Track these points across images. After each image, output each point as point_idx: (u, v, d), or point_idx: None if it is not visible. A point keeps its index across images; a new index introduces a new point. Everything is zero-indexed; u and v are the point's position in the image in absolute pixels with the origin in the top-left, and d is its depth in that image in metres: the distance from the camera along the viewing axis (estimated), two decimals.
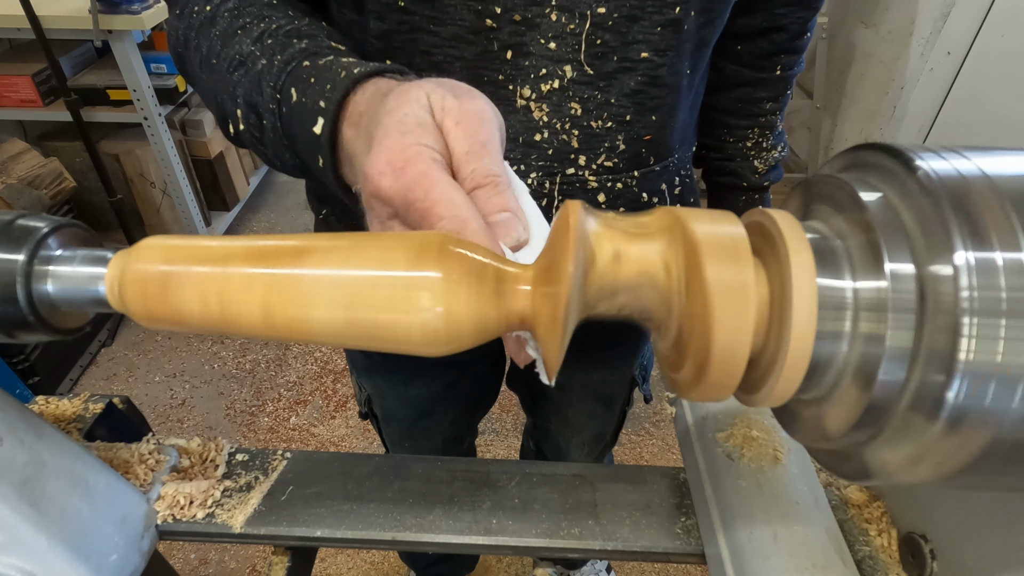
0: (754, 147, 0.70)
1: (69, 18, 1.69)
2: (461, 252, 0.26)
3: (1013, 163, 0.23)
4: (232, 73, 0.42)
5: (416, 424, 0.88)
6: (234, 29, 0.43)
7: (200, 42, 0.45)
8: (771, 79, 0.67)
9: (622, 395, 0.88)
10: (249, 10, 0.44)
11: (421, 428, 0.89)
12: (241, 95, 0.41)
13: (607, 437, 0.95)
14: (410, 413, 0.87)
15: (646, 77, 0.51)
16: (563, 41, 0.48)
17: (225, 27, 0.44)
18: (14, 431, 0.39)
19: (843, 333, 0.24)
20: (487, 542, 0.48)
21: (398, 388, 0.83)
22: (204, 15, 0.46)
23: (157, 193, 2.15)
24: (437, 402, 0.86)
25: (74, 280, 0.29)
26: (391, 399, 0.86)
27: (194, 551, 1.51)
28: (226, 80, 0.42)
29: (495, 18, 0.47)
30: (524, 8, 0.47)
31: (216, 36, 0.44)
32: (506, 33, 0.48)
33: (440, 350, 0.27)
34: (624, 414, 0.91)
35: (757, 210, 0.26)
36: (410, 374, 0.81)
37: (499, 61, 0.49)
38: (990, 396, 0.20)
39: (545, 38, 0.48)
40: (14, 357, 1.64)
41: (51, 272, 0.29)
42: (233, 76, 0.42)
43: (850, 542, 0.43)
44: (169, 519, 0.48)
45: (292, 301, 0.26)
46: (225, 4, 0.45)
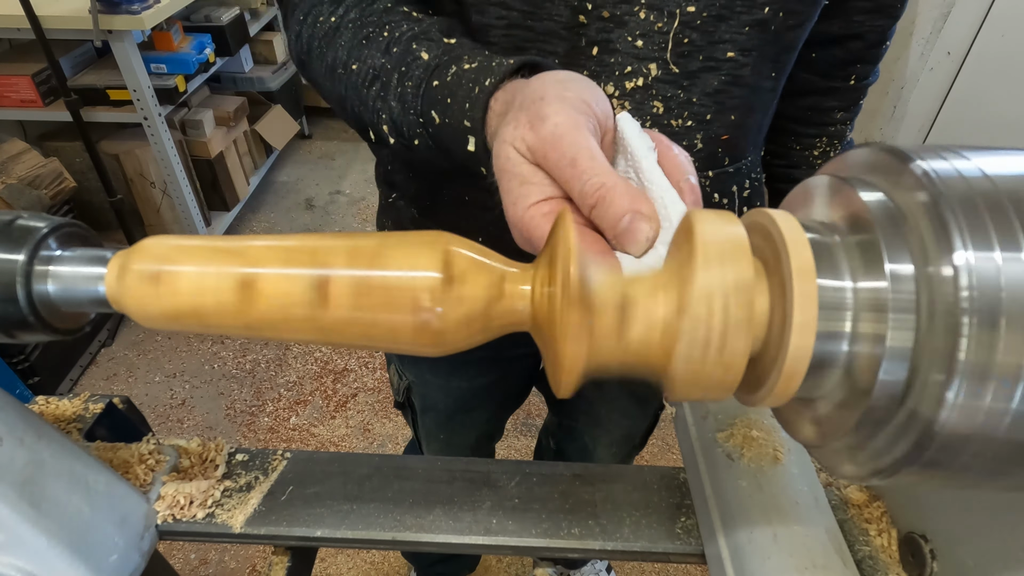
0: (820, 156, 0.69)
1: (69, 18, 1.69)
2: (462, 252, 0.26)
3: (1013, 163, 0.23)
4: (370, 88, 0.44)
5: (454, 417, 0.88)
6: (359, 40, 0.45)
7: (325, 51, 0.47)
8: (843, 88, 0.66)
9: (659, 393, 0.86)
10: (370, 19, 0.46)
11: (458, 421, 0.89)
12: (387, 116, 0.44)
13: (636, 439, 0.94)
14: (450, 404, 0.86)
15: (729, 77, 0.51)
16: (650, 39, 0.49)
17: (350, 38, 0.46)
18: (14, 431, 0.39)
19: (843, 333, 0.24)
20: (487, 542, 0.48)
21: (441, 379, 0.83)
22: (329, 25, 0.47)
23: (157, 193, 2.15)
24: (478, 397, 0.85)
25: (74, 280, 0.29)
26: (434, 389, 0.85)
27: (194, 551, 1.51)
28: (363, 95, 0.45)
29: (586, 14, 0.47)
30: (614, 5, 0.47)
31: (342, 46, 0.46)
32: (594, 30, 0.48)
33: (440, 350, 0.27)
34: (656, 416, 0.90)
35: (757, 210, 0.26)
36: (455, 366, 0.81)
37: (585, 57, 0.50)
38: (990, 396, 0.20)
39: (632, 36, 0.48)
40: (14, 357, 1.64)
41: (51, 272, 0.29)
42: (371, 91, 0.44)
43: (850, 542, 0.43)
44: (169, 519, 0.48)
45: (291, 301, 0.26)
46: (348, 15, 0.47)
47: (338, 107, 0.49)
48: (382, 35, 0.45)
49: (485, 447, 0.98)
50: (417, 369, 0.84)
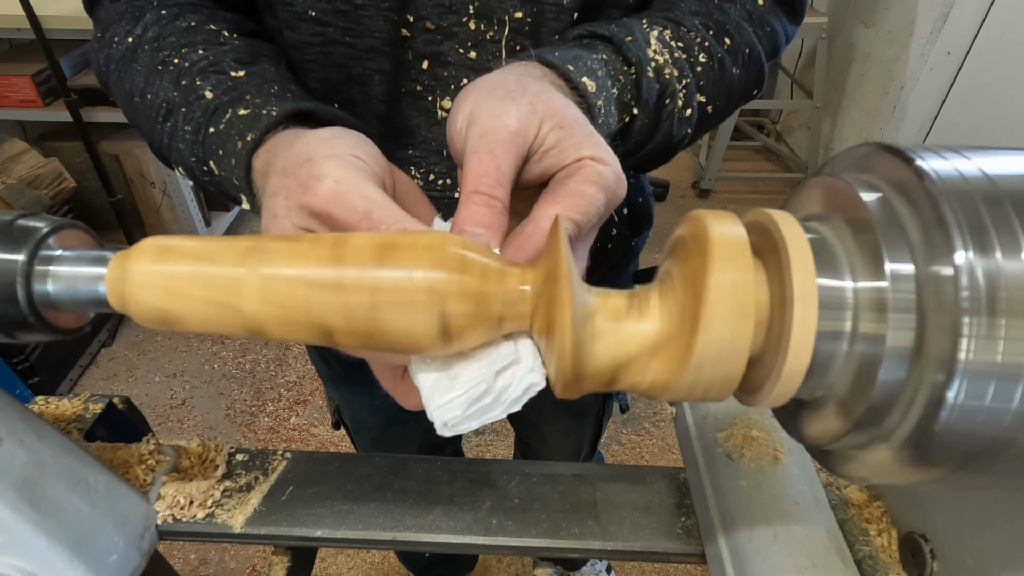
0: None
1: (69, 18, 1.69)
2: (462, 252, 0.26)
3: (1013, 163, 0.23)
4: (163, 124, 0.42)
5: (387, 432, 0.87)
6: (154, 65, 0.43)
7: (122, 75, 0.45)
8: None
9: (595, 405, 0.87)
10: (168, 40, 0.43)
11: (392, 436, 0.88)
12: (178, 157, 0.42)
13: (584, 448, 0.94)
14: (379, 421, 0.85)
15: None
16: (483, 49, 0.47)
17: (147, 62, 0.43)
18: (14, 431, 0.39)
19: (843, 333, 0.24)
20: (487, 542, 0.48)
21: (363, 397, 0.82)
22: (126, 46, 0.44)
23: (157, 193, 2.15)
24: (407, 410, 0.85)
25: (74, 280, 0.29)
26: (359, 408, 0.84)
27: (194, 551, 1.51)
28: (158, 130, 0.42)
29: (408, 27, 0.46)
30: (439, 16, 0.45)
31: (139, 71, 0.43)
32: (421, 42, 0.47)
33: (441, 350, 0.27)
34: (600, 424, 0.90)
35: (757, 210, 0.26)
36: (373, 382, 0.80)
37: (416, 71, 0.48)
38: (990, 396, 0.20)
39: (464, 47, 0.47)
40: (14, 357, 1.64)
41: (51, 272, 0.29)
42: (165, 128, 0.42)
43: (850, 542, 0.43)
44: (169, 519, 0.48)
45: (291, 301, 0.26)
46: (147, 34, 0.44)
47: (141, 133, 0.46)
48: (174, 61, 0.42)
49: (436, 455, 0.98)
50: (340, 389, 0.82)
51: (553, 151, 0.31)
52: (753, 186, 2.90)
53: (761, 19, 0.49)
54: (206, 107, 0.39)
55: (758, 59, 0.48)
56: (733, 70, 0.46)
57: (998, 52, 1.90)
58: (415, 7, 0.45)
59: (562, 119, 0.31)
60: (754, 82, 0.49)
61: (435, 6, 0.45)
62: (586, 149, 0.31)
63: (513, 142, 0.30)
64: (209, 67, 0.41)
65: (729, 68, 0.46)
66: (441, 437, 1.00)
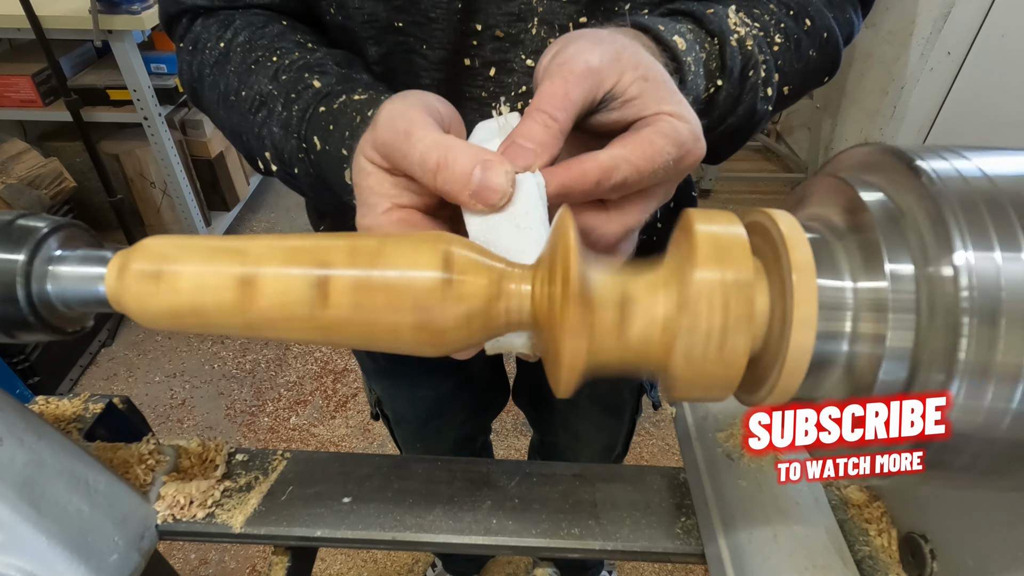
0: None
1: (69, 18, 1.69)
2: (462, 252, 0.26)
3: (1013, 163, 0.23)
4: (256, 115, 0.43)
5: (427, 425, 0.89)
6: (248, 65, 0.44)
7: (217, 79, 0.46)
8: None
9: (630, 403, 0.87)
10: (260, 43, 0.45)
11: (432, 428, 0.89)
12: (269, 142, 0.42)
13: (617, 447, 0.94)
14: (419, 414, 0.87)
15: None
16: None
17: (239, 63, 0.44)
18: (14, 431, 0.39)
19: (843, 333, 0.24)
20: (487, 542, 0.48)
21: (405, 391, 0.83)
22: (218, 51, 0.46)
23: (157, 193, 2.15)
24: (445, 403, 0.86)
25: (74, 280, 0.29)
26: (400, 401, 0.86)
27: (194, 551, 1.51)
28: (249, 121, 0.43)
29: (476, 35, 0.46)
30: (507, 24, 0.46)
31: (232, 73, 0.45)
32: (488, 50, 0.47)
33: (442, 350, 0.27)
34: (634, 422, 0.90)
35: (757, 210, 0.26)
36: (417, 377, 0.81)
37: (481, 78, 0.48)
38: (990, 396, 0.20)
39: (526, 54, 0.47)
40: (14, 357, 1.64)
41: (51, 272, 0.29)
42: (257, 117, 0.43)
43: (850, 542, 0.43)
44: (169, 519, 0.48)
45: (291, 300, 0.26)
46: (237, 38, 0.45)
47: (231, 136, 0.48)
48: (271, 60, 0.43)
49: (467, 448, 0.99)
50: (383, 382, 0.84)
51: (635, 101, 0.31)
52: (753, 186, 2.89)
53: (841, 6, 0.49)
54: (317, 92, 0.40)
55: (836, 44, 0.48)
56: (810, 52, 0.46)
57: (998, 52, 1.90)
58: (483, 15, 0.45)
59: (647, 72, 0.32)
60: (828, 68, 0.49)
61: (504, 14, 0.45)
62: (667, 104, 0.31)
63: (588, 77, 0.30)
64: (314, 65, 0.42)
65: (806, 50, 0.46)
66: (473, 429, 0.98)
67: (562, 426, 0.93)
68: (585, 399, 0.85)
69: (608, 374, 0.26)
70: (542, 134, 0.30)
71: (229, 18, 0.47)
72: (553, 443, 0.98)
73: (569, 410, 0.89)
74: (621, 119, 0.32)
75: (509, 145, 0.30)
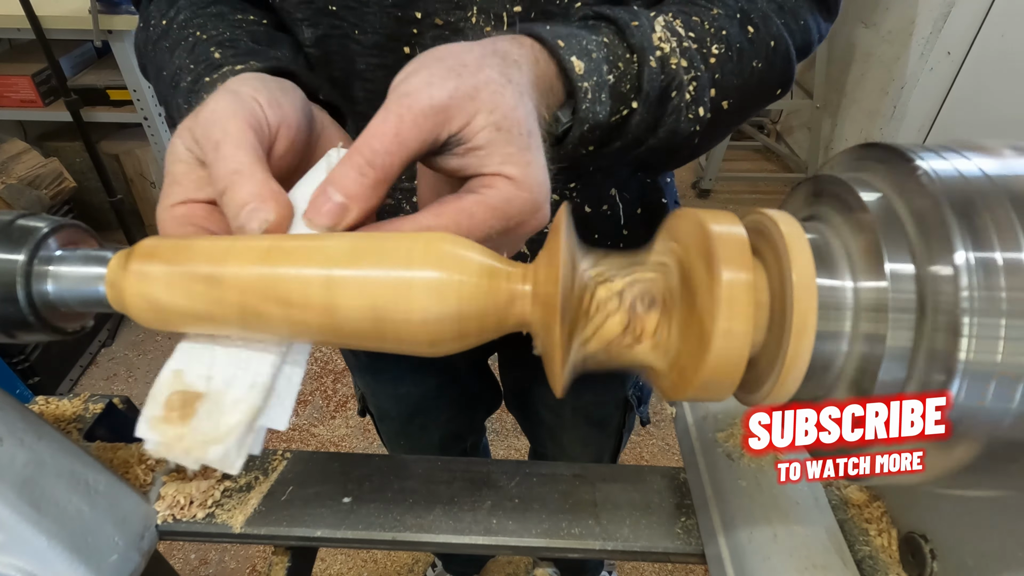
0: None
1: (69, 18, 1.69)
2: (462, 252, 0.26)
3: (1013, 163, 0.23)
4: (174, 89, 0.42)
5: (410, 422, 0.89)
6: (178, 42, 0.43)
7: (155, 55, 0.46)
8: None
9: (616, 417, 0.86)
10: (196, 21, 0.44)
11: (416, 426, 0.89)
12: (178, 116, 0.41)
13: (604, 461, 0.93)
14: (403, 411, 0.87)
15: None
16: None
17: (173, 40, 0.44)
18: (14, 431, 0.39)
19: (843, 333, 0.24)
20: (487, 542, 0.48)
21: (388, 387, 0.83)
22: (160, 28, 0.46)
23: (157, 193, 2.14)
24: (429, 401, 0.86)
25: (74, 280, 0.29)
26: (383, 398, 0.86)
27: (194, 551, 1.51)
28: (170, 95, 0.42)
29: (416, 23, 0.46)
30: (446, 12, 0.45)
31: (166, 49, 0.44)
32: (428, 38, 0.46)
33: (441, 350, 0.27)
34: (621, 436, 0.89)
35: (757, 210, 0.26)
36: (399, 374, 0.81)
37: None
38: (990, 396, 0.20)
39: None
40: (14, 357, 1.64)
41: (51, 272, 0.29)
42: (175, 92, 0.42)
43: (850, 542, 0.43)
44: (169, 519, 0.48)
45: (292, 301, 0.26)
46: (177, 17, 0.45)
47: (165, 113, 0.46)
48: (195, 36, 0.42)
49: (455, 447, 0.98)
50: (366, 378, 0.84)
51: (478, 152, 0.29)
52: (753, 186, 2.89)
53: (794, 11, 0.46)
54: (211, 63, 0.40)
55: (785, 54, 0.45)
56: (754, 63, 0.43)
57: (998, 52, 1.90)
58: (423, 3, 0.45)
59: (503, 120, 0.29)
60: (779, 80, 0.46)
61: (443, 2, 0.45)
62: (510, 165, 0.28)
63: (429, 117, 0.27)
64: (225, 41, 0.42)
65: (749, 60, 0.43)
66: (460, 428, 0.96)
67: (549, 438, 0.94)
68: (570, 412, 0.85)
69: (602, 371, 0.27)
70: (355, 185, 0.27)
71: None
72: (543, 454, 0.99)
73: (555, 423, 0.89)
74: (461, 169, 0.29)
75: (319, 194, 0.28)
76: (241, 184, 0.27)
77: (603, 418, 0.85)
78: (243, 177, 0.27)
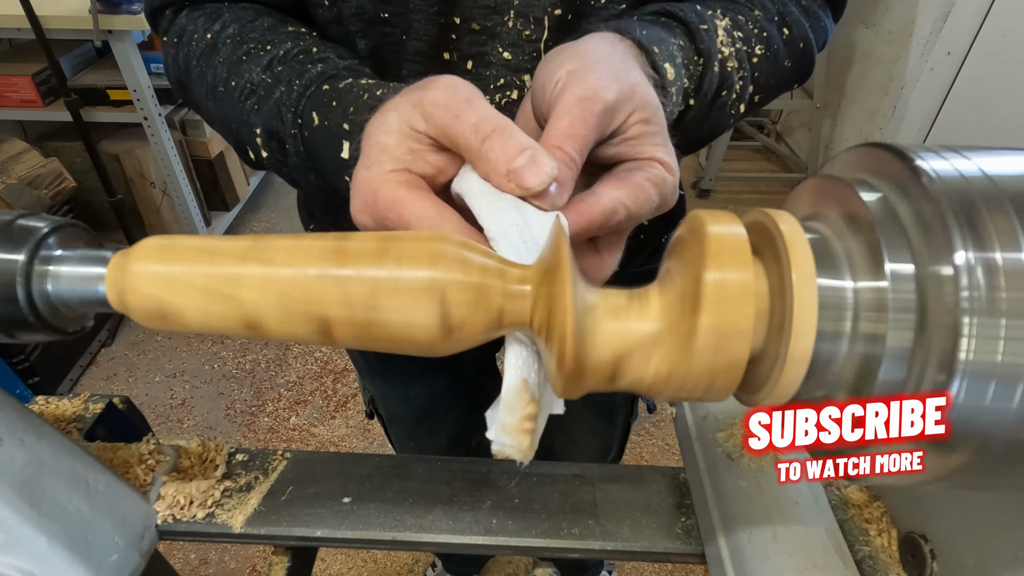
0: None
1: (69, 18, 1.69)
2: (463, 253, 0.26)
3: (1013, 163, 0.23)
4: (245, 102, 0.42)
5: (420, 423, 0.89)
6: (239, 56, 0.44)
7: (204, 70, 0.45)
8: None
9: (623, 406, 0.87)
10: (251, 36, 0.44)
11: (425, 427, 0.90)
12: (259, 124, 0.42)
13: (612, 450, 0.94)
14: (412, 413, 0.87)
15: None
16: (519, 49, 0.47)
17: (228, 54, 0.44)
18: (14, 431, 0.39)
19: (843, 333, 0.24)
20: (487, 542, 0.48)
21: (398, 390, 0.84)
22: (205, 43, 0.45)
23: (157, 193, 2.15)
24: (438, 402, 0.86)
25: (74, 280, 0.29)
26: (393, 400, 0.87)
27: (194, 551, 1.51)
28: (238, 109, 0.43)
29: (455, 29, 0.46)
30: (483, 17, 0.46)
31: (220, 64, 0.44)
32: (466, 43, 0.47)
33: (444, 350, 0.27)
34: (628, 425, 0.90)
35: (757, 210, 0.26)
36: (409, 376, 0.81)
37: (459, 72, 0.48)
38: (990, 396, 0.20)
39: (503, 46, 0.47)
40: (14, 357, 1.64)
41: (51, 272, 0.29)
42: (246, 105, 0.42)
43: (850, 542, 0.43)
44: (169, 519, 0.48)
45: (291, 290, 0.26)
46: (226, 31, 0.45)
47: (220, 127, 0.47)
48: (263, 50, 0.43)
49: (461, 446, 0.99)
50: (376, 381, 0.85)
51: (632, 141, 0.32)
52: (753, 186, 2.89)
53: (815, 13, 0.49)
54: (321, 72, 0.40)
55: (810, 53, 0.48)
56: (786, 62, 0.46)
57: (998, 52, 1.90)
58: (461, 8, 0.45)
59: (652, 115, 0.32)
60: (800, 75, 0.49)
61: (480, 7, 0.45)
62: (661, 152, 0.32)
63: (604, 117, 0.31)
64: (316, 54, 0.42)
65: (783, 60, 0.46)
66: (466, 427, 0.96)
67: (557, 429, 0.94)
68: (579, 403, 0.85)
69: None
70: (564, 175, 0.30)
71: (217, 11, 0.47)
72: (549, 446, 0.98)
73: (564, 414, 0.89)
74: (617, 156, 0.33)
75: None
76: (511, 130, 0.29)
77: (612, 408, 0.86)
78: (510, 125, 0.29)
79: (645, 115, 0.32)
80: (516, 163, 0.29)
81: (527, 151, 0.29)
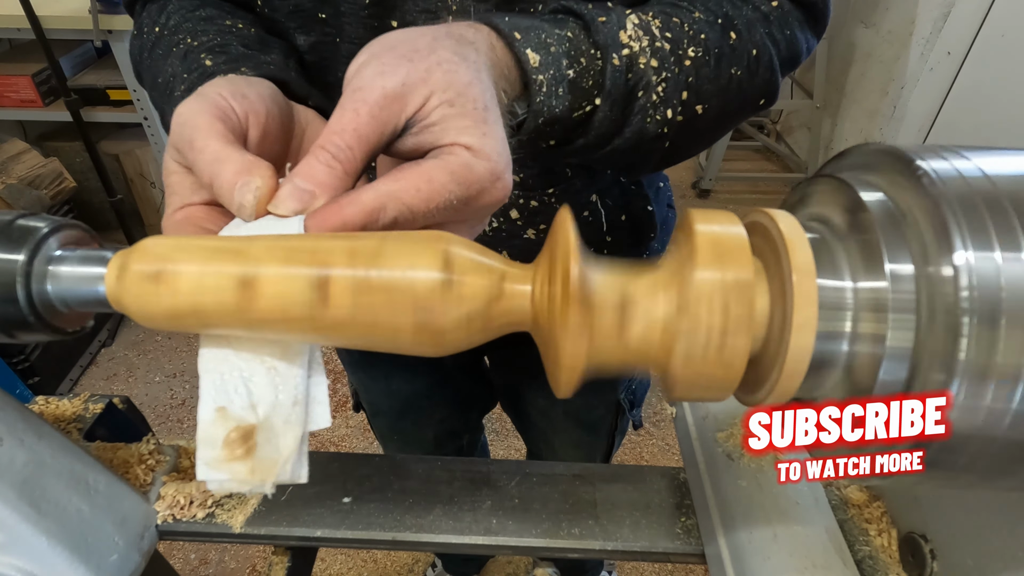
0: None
1: (69, 18, 1.69)
2: (462, 252, 0.26)
3: (1013, 163, 0.23)
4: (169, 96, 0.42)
5: (403, 417, 0.89)
6: (169, 48, 0.43)
7: (150, 64, 0.45)
8: None
9: (607, 420, 0.85)
10: (185, 27, 0.44)
11: (409, 422, 0.90)
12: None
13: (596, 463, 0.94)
14: (395, 407, 0.87)
15: None
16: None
17: (165, 47, 0.44)
18: (14, 431, 0.39)
19: (843, 333, 0.24)
20: (487, 542, 0.48)
21: (380, 383, 0.84)
22: (154, 36, 0.45)
23: (157, 193, 2.14)
24: (422, 398, 0.86)
25: (74, 280, 0.29)
26: (375, 393, 0.87)
27: (194, 551, 1.51)
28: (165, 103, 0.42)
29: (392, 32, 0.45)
30: (423, 21, 0.44)
31: (160, 56, 0.44)
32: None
33: (440, 350, 0.27)
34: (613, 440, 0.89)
35: (757, 210, 0.26)
36: (391, 370, 0.81)
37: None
38: (990, 396, 0.20)
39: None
40: (14, 357, 1.64)
41: (51, 272, 0.29)
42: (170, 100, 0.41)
43: (850, 542, 0.43)
44: (169, 519, 0.48)
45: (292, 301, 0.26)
46: (168, 23, 0.45)
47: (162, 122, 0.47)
48: (185, 43, 0.42)
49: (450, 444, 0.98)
50: (358, 373, 0.85)
51: (433, 128, 0.29)
52: (753, 186, 2.89)
53: (780, 22, 0.45)
54: (203, 71, 0.39)
55: (768, 65, 0.44)
56: (733, 70, 0.42)
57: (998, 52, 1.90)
58: (400, 12, 0.45)
59: (456, 96, 0.29)
60: (761, 90, 0.45)
61: (419, 11, 0.45)
62: (467, 135, 0.29)
63: (384, 106, 0.28)
64: (216, 47, 0.41)
65: (727, 67, 0.42)
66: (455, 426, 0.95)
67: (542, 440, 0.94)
68: (560, 415, 0.85)
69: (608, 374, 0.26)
70: (324, 176, 0.28)
71: (166, 2, 0.47)
72: (538, 455, 0.99)
73: (546, 425, 0.89)
74: (417, 147, 0.30)
75: (286, 185, 0.28)
76: (223, 167, 0.28)
77: (594, 421, 0.85)
78: (222, 161, 0.28)
79: (447, 96, 0.29)
80: (234, 200, 0.28)
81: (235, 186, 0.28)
